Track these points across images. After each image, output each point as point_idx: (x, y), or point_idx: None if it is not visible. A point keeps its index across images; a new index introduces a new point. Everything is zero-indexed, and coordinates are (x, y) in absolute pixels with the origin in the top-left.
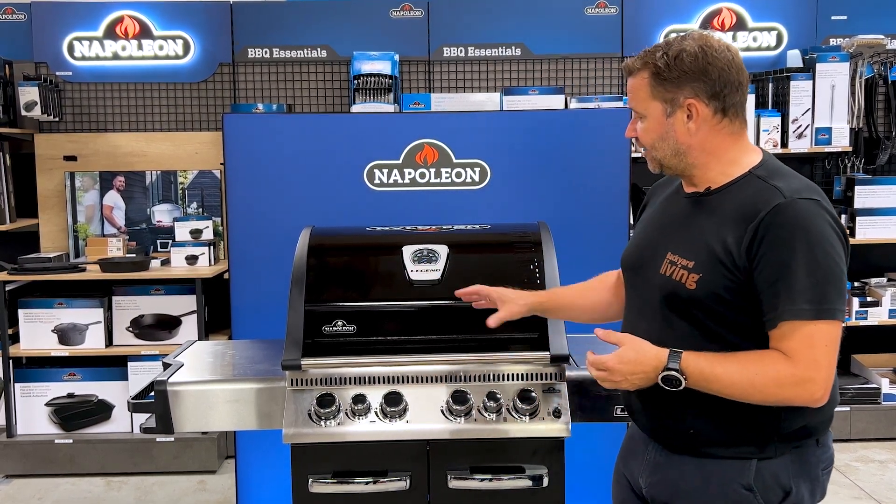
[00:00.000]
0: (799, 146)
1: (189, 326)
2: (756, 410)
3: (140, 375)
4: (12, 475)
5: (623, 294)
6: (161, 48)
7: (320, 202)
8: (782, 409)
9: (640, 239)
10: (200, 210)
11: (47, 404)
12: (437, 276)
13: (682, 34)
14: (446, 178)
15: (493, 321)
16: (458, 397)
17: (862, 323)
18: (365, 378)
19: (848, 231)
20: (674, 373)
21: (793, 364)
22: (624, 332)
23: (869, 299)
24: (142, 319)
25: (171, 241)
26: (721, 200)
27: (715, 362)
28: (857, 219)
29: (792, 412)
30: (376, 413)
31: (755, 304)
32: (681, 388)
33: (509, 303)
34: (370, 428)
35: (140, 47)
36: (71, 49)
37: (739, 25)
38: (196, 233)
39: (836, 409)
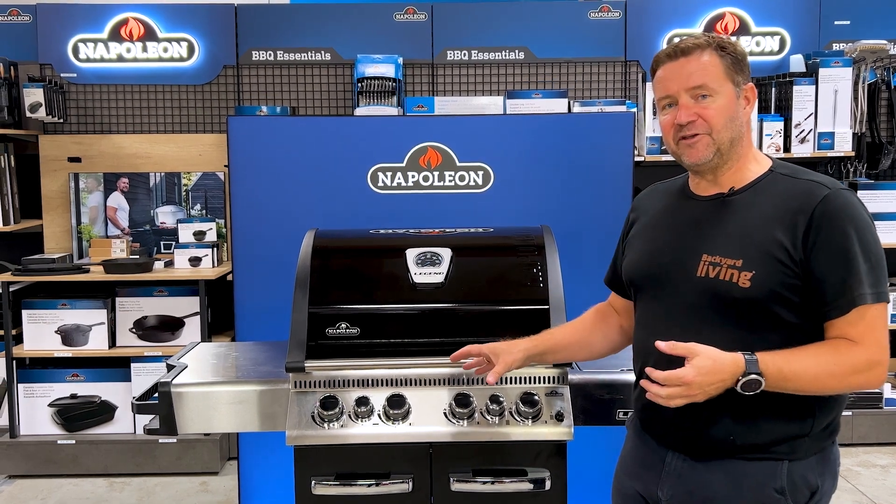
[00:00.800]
0: (802, 151)
1: (192, 328)
2: (792, 410)
3: (143, 377)
4: (15, 475)
5: (614, 323)
6: (165, 50)
7: (324, 205)
8: (816, 407)
9: (648, 248)
10: (204, 212)
11: (50, 405)
12: (440, 279)
13: (688, 36)
14: (450, 181)
15: (492, 378)
16: (461, 400)
17: None
18: (368, 380)
19: None
20: (755, 376)
21: (862, 349)
22: (646, 347)
23: None
24: (145, 321)
25: (174, 243)
26: (752, 198)
27: (791, 359)
28: None
29: (824, 409)
30: (379, 415)
31: (808, 299)
32: (758, 391)
33: (503, 354)
34: (373, 430)
35: (144, 49)
36: (76, 51)
37: (743, 30)
38: (199, 234)
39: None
